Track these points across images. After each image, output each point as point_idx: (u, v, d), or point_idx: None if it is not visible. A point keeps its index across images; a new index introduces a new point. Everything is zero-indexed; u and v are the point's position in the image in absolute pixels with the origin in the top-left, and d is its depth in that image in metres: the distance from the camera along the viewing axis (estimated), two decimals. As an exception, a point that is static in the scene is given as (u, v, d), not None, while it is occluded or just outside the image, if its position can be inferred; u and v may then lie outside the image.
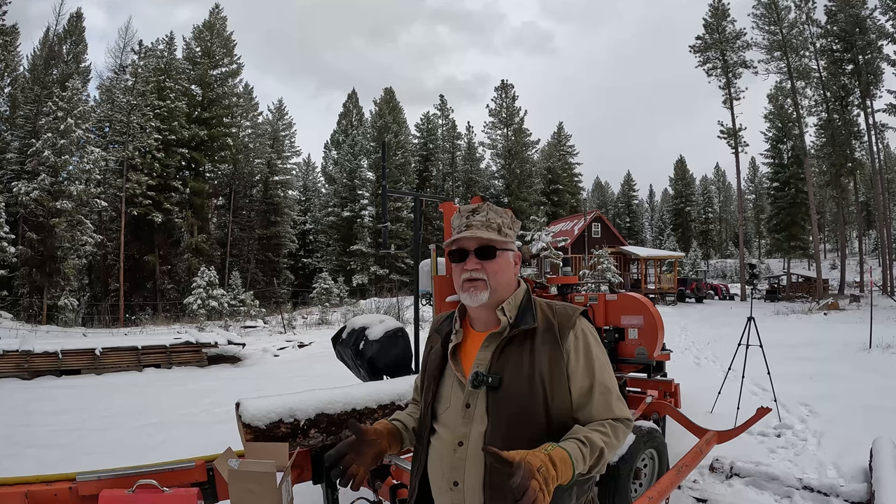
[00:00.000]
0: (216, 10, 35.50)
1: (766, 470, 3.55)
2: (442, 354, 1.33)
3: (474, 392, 1.21)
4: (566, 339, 1.22)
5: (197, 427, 5.78)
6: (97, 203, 24.08)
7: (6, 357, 9.29)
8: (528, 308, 1.27)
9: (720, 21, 31.29)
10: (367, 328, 3.87)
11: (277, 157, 39.84)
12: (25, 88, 27.61)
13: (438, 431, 1.27)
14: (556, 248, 26.53)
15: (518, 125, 46.25)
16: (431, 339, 1.41)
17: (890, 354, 8.89)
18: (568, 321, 1.25)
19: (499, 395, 1.18)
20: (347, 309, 23.29)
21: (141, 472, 1.97)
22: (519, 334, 1.23)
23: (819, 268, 28.07)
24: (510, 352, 1.22)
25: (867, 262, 33.05)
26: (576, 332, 1.24)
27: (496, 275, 1.25)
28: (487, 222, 1.27)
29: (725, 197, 68.44)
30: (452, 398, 1.26)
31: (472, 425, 1.20)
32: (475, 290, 1.24)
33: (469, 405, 1.22)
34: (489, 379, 1.19)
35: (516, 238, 1.37)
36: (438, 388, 1.30)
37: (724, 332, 12.38)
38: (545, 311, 1.28)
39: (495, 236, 1.26)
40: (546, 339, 1.22)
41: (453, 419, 1.24)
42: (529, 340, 1.22)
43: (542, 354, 1.20)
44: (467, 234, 1.25)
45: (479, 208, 1.30)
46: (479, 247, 1.26)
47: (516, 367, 1.20)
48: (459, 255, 1.28)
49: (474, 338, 1.30)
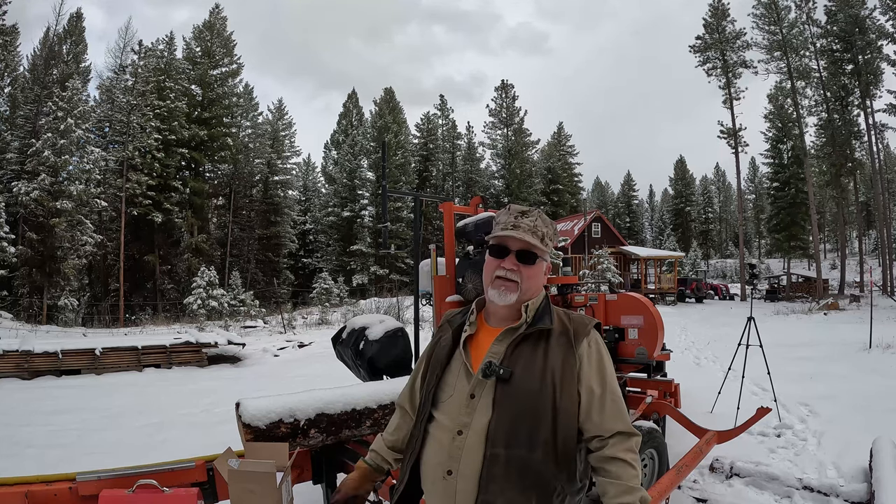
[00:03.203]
0: (216, 10, 35.50)
1: (766, 470, 3.55)
2: (452, 343, 1.34)
3: (482, 383, 1.22)
4: (580, 345, 1.25)
5: (197, 427, 5.78)
6: (97, 203, 24.07)
7: (6, 357, 9.29)
8: (547, 311, 1.30)
9: (720, 21, 31.30)
10: (367, 328, 3.87)
11: (277, 157, 39.83)
12: (25, 88, 27.60)
13: (437, 419, 1.26)
14: (556, 248, 26.53)
15: (518, 125, 46.25)
16: (442, 328, 1.42)
17: (890, 354, 8.88)
18: (583, 329, 1.28)
19: (508, 388, 1.19)
20: (347, 309, 23.28)
21: (141, 472, 1.97)
22: (535, 333, 1.25)
23: (819, 268, 28.07)
24: (524, 348, 1.24)
25: (867, 262, 33.05)
26: (589, 340, 1.27)
27: (529, 280, 1.28)
28: (534, 228, 1.29)
29: (725, 197, 68.46)
30: (457, 387, 1.26)
31: (474, 415, 1.20)
32: (507, 290, 1.27)
33: (474, 395, 1.22)
34: (500, 370, 1.20)
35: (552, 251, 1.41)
36: (443, 375, 1.30)
37: (724, 332, 12.38)
38: (562, 317, 1.31)
39: (538, 243, 1.28)
40: (560, 341, 1.25)
41: (455, 408, 1.23)
42: (544, 340, 1.25)
43: (555, 354, 1.23)
44: (514, 234, 1.27)
45: (530, 212, 1.32)
46: (522, 249, 1.28)
47: (529, 363, 1.21)
48: (499, 251, 1.30)
49: (488, 332, 1.32)
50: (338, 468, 2.60)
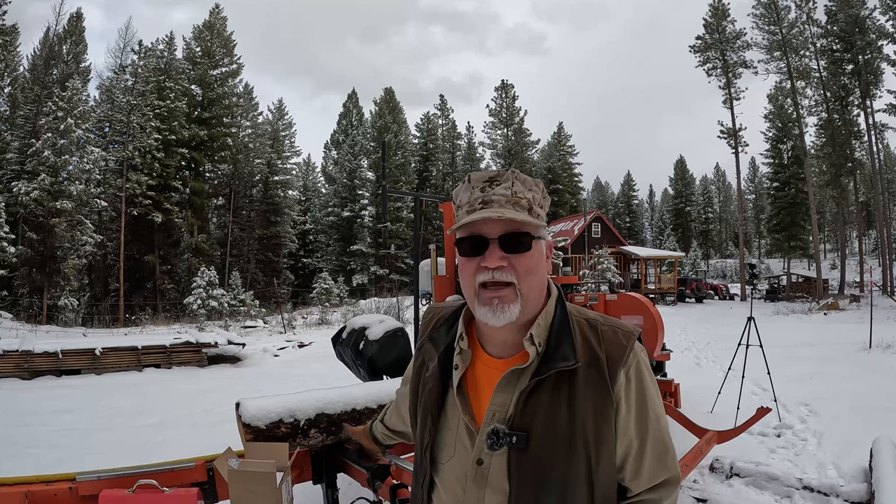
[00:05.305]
0: (216, 10, 35.52)
1: (766, 470, 3.55)
2: (441, 383, 0.97)
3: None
4: (616, 381, 0.88)
5: (197, 427, 5.78)
6: (97, 203, 24.10)
7: (6, 357, 9.29)
8: (565, 331, 0.90)
9: (720, 21, 31.31)
10: (367, 328, 3.88)
11: (277, 157, 39.84)
12: (25, 88, 27.61)
13: (439, 488, 0.96)
14: (557, 248, 26.53)
15: (518, 125, 46.31)
16: (425, 350, 1.04)
17: (890, 354, 8.89)
18: (621, 353, 0.89)
19: (525, 458, 0.86)
20: (347, 309, 23.30)
21: (141, 472, 1.97)
22: (553, 375, 0.87)
23: (819, 268, 28.09)
24: (540, 397, 0.87)
25: (867, 262, 33.03)
26: (628, 369, 0.89)
27: (529, 276, 0.88)
28: (515, 197, 0.87)
29: (725, 197, 68.49)
30: (458, 448, 0.93)
31: (486, 491, 0.89)
32: (500, 301, 0.86)
33: (482, 461, 0.89)
34: (513, 439, 0.86)
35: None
36: (437, 430, 0.96)
37: (723, 333, 12.36)
38: (588, 337, 0.91)
39: (528, 218, 0.86)
40: (590, 377, 0.87)
41: (460, 475, 0.92)
42: (567, 381, 0.87)
43: (585, 403, 0.86)
44: (488, 214, 0.85)
45: (501, 175, 0.89)
46: (507, 233, 0.86)
47: (549, 419, 0.86)
48: (473, 245, 0.88)
49: (486, 364, 0.95)
50: (338, 468, 2.60)
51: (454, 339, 0.97)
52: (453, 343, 0.97)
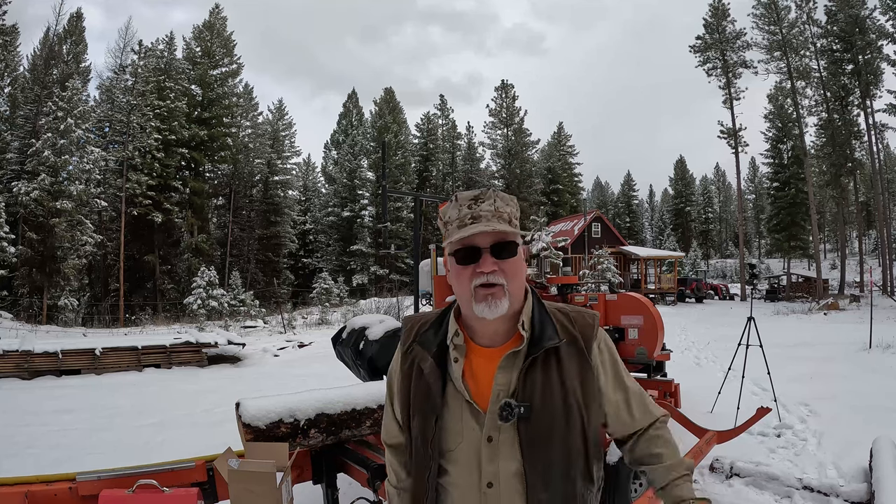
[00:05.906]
0: (216, 10, 35.51)
1: (766, 470, 3.55)
2: (440, 374, 1.09)
3: (500, 424, 1.04)
4: (592, 352, 1.10)
5: (197, 427, 5.78)
6: (97, 203, 24.10)
7: (6, 357, 9.29)
8: (546, 319, 1.10)
9: (720, 21, 31.30)
10: (367, 328, 3.88)
11: (277, 157, 39.84)
12: (25, 88, 27.61)
13: (452, 473, 1.08)
14: (556, 248, 26.52)
15: (518, 125, 46.28)
16: (415, 353, 1.15)
17: (890, 354, 8.89)
18: (590, 331, 1.11)
19: (531, 427, 1.02)
20: (347, 309, 23.31)
21: (141, 472, 1.97)
22: (543, 353, 1.06)
23: (819, 268, 28.09)
24: (536, 373, 1.05)
25: (867, 262, 33.01)
26: (599, 342, 1.12)
27: (515, 276, 1.06)
28: (498, 212, 1.05)
29: (725, 197, 68.48)
30: (466, 432, 1.06)
31: (499, 462, 1.03)
32: (493, 297, 1.03)
33: (492, 438, 1.03)
34: (521, 409, 1.01)
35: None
36: (440, 420, 1.08)
37: (723, 332, 12.36)
38: (562, 322, 1.11)
39: (511, 229, 1.06)
40: (571, 353, 1.08)
41: (473, 457, 1.05)
42: (554, 357, 1.07)
43: (571, 372, 1.06)
44: (482, 228, 1.02)
45: (484, 194, 1.07)
46: (497, 242, 1.04)
47: (546, 391, 1.04)
48: (468, 255, 1.05)
49: (482, 355, 1.10)
50: (338, 468, 2.60)
51: (443, 340, 1.12)
52: (444, 342, 1.12)
